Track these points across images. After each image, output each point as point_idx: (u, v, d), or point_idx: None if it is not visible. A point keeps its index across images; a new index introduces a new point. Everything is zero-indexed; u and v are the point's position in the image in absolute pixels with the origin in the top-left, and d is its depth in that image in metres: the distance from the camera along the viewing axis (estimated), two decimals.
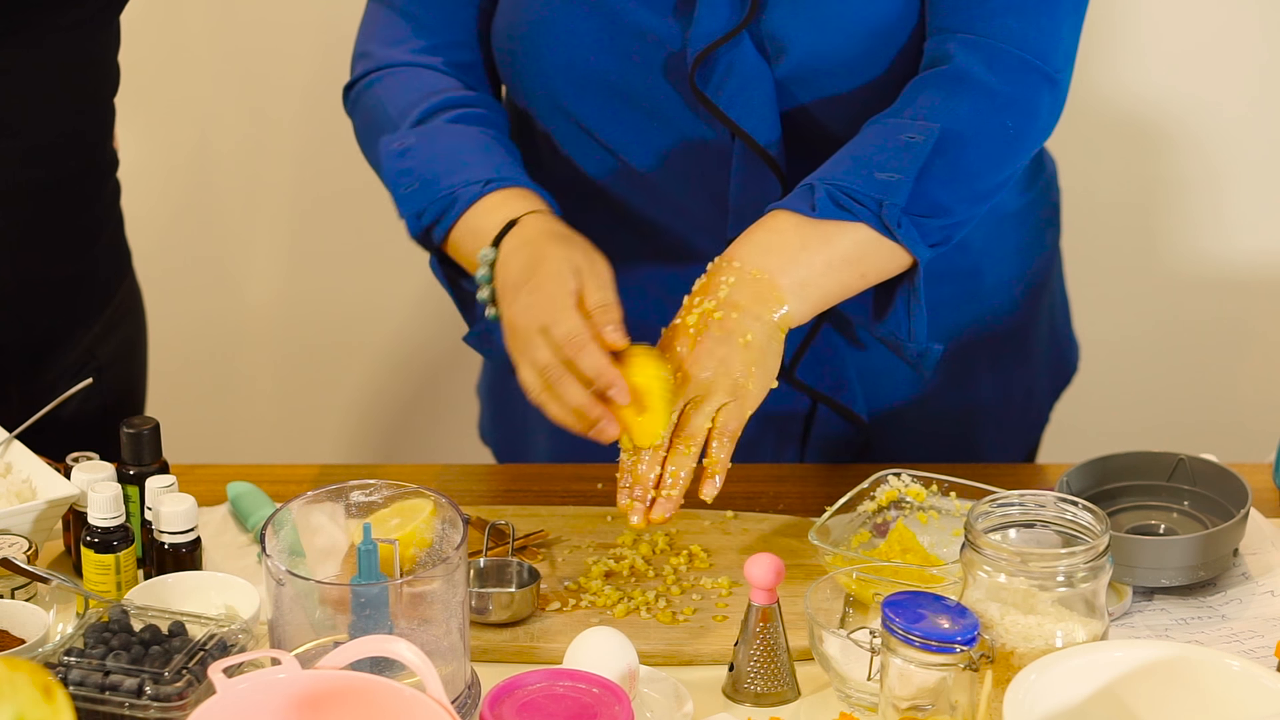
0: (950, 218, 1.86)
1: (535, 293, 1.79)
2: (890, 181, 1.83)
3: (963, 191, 1.87)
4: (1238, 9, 2.90)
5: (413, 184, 1.93)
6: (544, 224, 1.87)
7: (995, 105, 1.87)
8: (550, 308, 1.78)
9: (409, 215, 1.93)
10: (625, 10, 1.94)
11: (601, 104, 1.98)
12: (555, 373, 1.77)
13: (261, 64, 3.01)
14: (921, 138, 1.84)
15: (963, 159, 1.85)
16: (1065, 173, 2.29)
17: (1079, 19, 1.92)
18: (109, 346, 2.23)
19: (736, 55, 1.92)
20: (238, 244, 3.10)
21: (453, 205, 1.91)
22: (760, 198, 1.96)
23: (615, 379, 1.75)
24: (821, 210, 1.82)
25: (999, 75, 1.87)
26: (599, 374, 1.75)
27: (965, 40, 1.88)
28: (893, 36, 1.92)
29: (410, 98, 1.99)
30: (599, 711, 1.60)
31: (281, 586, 1.63)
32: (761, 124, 1.94)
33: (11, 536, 1.83)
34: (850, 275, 1.84)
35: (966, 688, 1.59)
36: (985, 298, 2.15)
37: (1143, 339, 3.06)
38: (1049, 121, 1.92)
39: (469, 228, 1.90)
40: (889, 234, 1.83)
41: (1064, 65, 1.90)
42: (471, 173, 1.91)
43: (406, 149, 1.95)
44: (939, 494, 1.91)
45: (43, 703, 1.44)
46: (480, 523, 1.95)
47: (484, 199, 1.90)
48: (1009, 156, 1.90)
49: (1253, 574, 1.89)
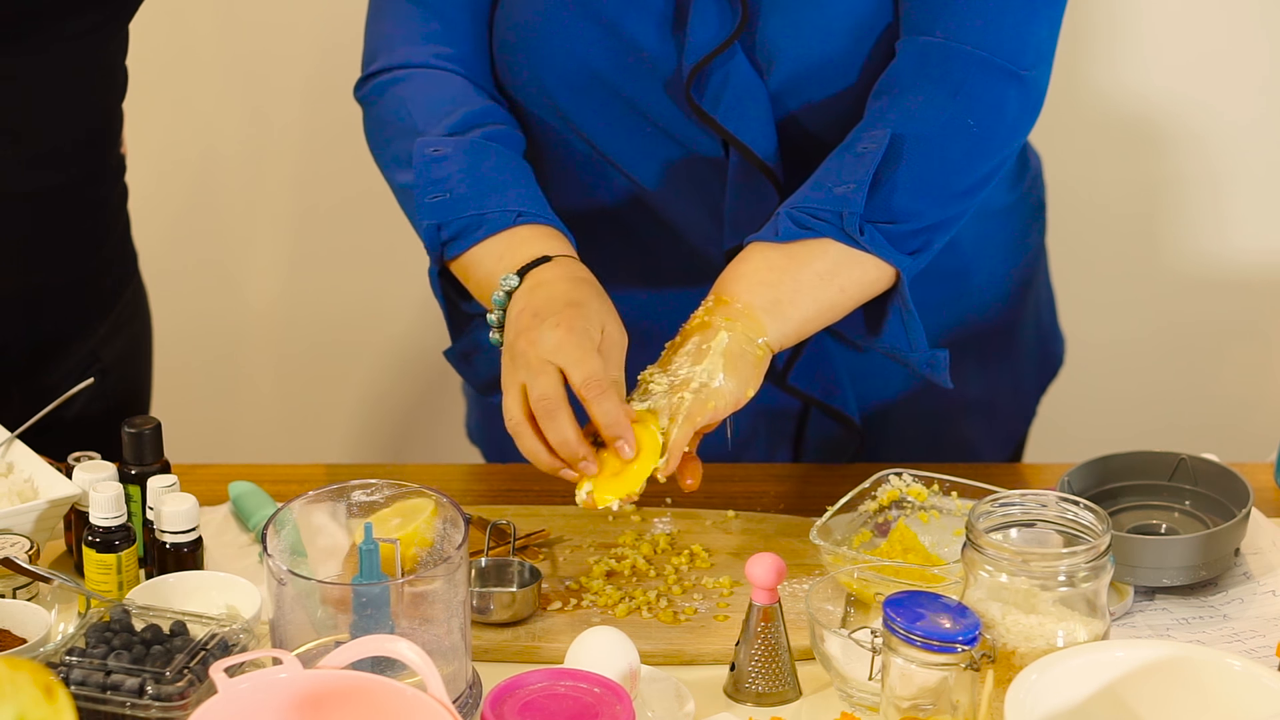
0: (920, 221, 1.86)
1: (561, 329, 1.77)
2: (846, 193, 1.83)
3: (930, 193, 1.87)
4: (1238, 9, 2.90)
5: (441, 194, 1.90)
6: (575, 270, 1.85)
7: (955, 105, 1.86)
8: (575, 347, 1.76)
9: (429, 224, 1.90)
10: (620, 23, 1.93)
11: (599, 110, 1.98)
12: (551, 405, 1.74)
13: (264, 67, 3.01)
14: (875, 145, 1.84)
15: (921, 160, 1.85)
16: (1065, 173, 2.29)
17: (1055, 14, 1.91)
18: (114, 349, 2.23)
19: (731, 68, 1.92)
20: (240, 245, 3.10)
21: (479, 227, 1.88)
22: (756, 208, 1.96)
23: (626, 431, 1.73)
24: (784, 233, 1.83)
25: (957, 75, 1.86)
26: (613, 422, 1.73)
27: (927, 43, 1.87)
28: (870, 34, 1.91)
29: (440, 104, 1.96)
30: (600, 711, 1.60)
31: (283, 586, 1.63)
32: (759, 135, 1.94)
33: (13, 536, 1.83)
34: (827, 291, 1.84)
35: (968, 687, 1.59)
36: (973, 295, 2.16)
37: (1143, 339, 3.06)
38: (1020, 120, 1.91)
39: (491, 253, 1.88)
40: (855, 244, 1.83)
41: (1035, 62, 1.89)
42: (505, 201, 1.89)
43: (442, 157, 1.92)
44: (940, 494, 1.92)
45: (44, 702, 1.44)
46: (481, 522, 1.95)
47: (513, 230, 1.88)
48: (978, 155, 1.89)
49: (1254, 574, 1.89)
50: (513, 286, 1.84)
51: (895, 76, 1.89)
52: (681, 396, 1.76)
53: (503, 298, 1.84)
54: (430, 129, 1.95)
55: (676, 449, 1.75)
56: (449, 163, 1.91)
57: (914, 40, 1.88)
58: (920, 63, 1.87)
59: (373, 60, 2.02)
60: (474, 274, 1.90)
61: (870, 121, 1.88)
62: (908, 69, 1.88)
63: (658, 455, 1.74)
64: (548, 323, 1.78)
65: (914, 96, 1.87)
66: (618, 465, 1.75)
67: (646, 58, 1.94)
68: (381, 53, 2.01)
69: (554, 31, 1.95)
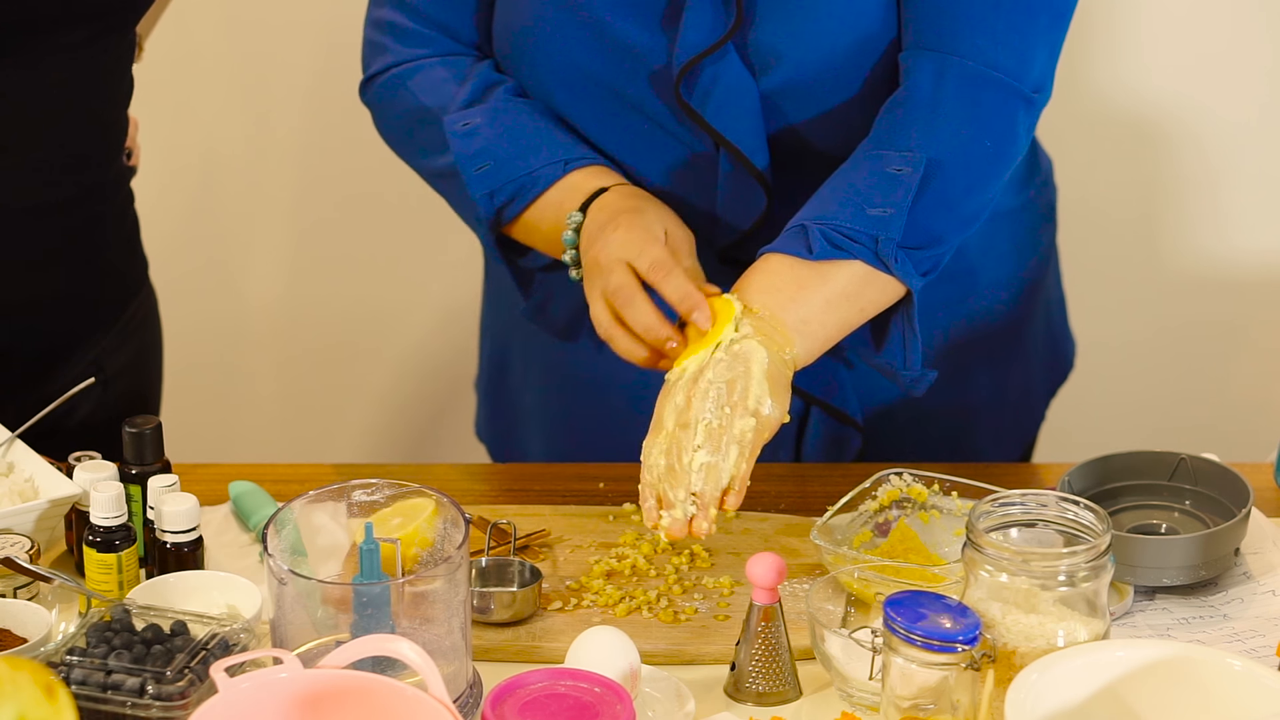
0: (941, 245, 1.88)
1: (621, 229, 1.85)
2: (884, 217, 1.84)
3: (951, 218, 1.88)
4: (1239, 9, 2.90)
5: (485, 163, 1.95)
6: (635, 191, 1.93)
7: (974, 128, 1.87)
8: (638, 239, 1.84)
9: (481, 195, 1.96)
10: (612, 24, 1.94)
11: (595, 107, 1.99)
12: (627, 293, 1.82)
13: (267, 70, 3.02)
14: (909, 169, 1.84)
15: (948, 185, 1.86)
16: (1066, 173, 2.29)
17: (1058, 37, 1.91)
18: (119, 359, 2.22)
19: (722, 68, 1.92)
20: (241, 246, 3.11)
21: (534, 184, 1.94)
22: (746, 208, 1.97)
23: (699, 302, 1.80)
24: (819, 252, 1.84)
25: (973, 95, 1.87)
26: (684, 297, 1.80)
27: (942, 60, 1.87)
28: (874, 48, 1.92)
29: (448, 82, 2.00)
30: (601, 711, 1.60)
31: (283, 586, 1.63)
32: (747, 136, 1.94)
33: (14, 536, 1.83)
34: (849, 311, 1.85)
35: (968, 687, 1.59)
36: (981, 296, 2.15)
37: (1143, 339, 3.06)
38: (1024, 140, 1.93)
39: (551, 202, 1.94)
40: (884, 268, 1.84)
41: (1041, 85, 1.90)
42: (550, 153, 1.95)
43: (474, 129, 1.96)
44: (940, 493, 1.92)
45: (45, 702, 1.45)
46: (482, 522, 1.95)
47: (566, 177, 1.95)
48: (990, 177, 1.90)
49: (1254, 573, 1.89)
50: (578, 222, 1.91)
51: (912, 92, 1.88)
52: (743, 431, 1.77)
53: (572, 235, 1.91)
54: (449, 106, 1.98)
55: (742, 482, 1.77)
56: (483, 131, 1.96)
57: (926, 55, 1.88)
58: (937, 80, 1.87)
59: (372, 63, 2.04)
60: (540, 228, 1.96)
61: (887, 137, 1.88)
62: (925, 85, 1.87)
63: (731, 318, 1.80)
64: (608, 229, 1.86)
65: (935, 117, 1.86)
66: (698, 338, 1.81)
67: (638, 55, 1.94)
68: (379, 54, 2.03)
69: (548, 35, 1.96)
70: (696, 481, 1.74)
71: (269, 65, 3.01)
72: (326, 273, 3.11)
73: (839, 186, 1.88)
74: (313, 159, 3.05)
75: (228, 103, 3.03)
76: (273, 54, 3.01)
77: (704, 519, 1.75)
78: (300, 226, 3.10)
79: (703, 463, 1.75)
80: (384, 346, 3.16)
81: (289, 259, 3.11)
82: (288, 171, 3.07)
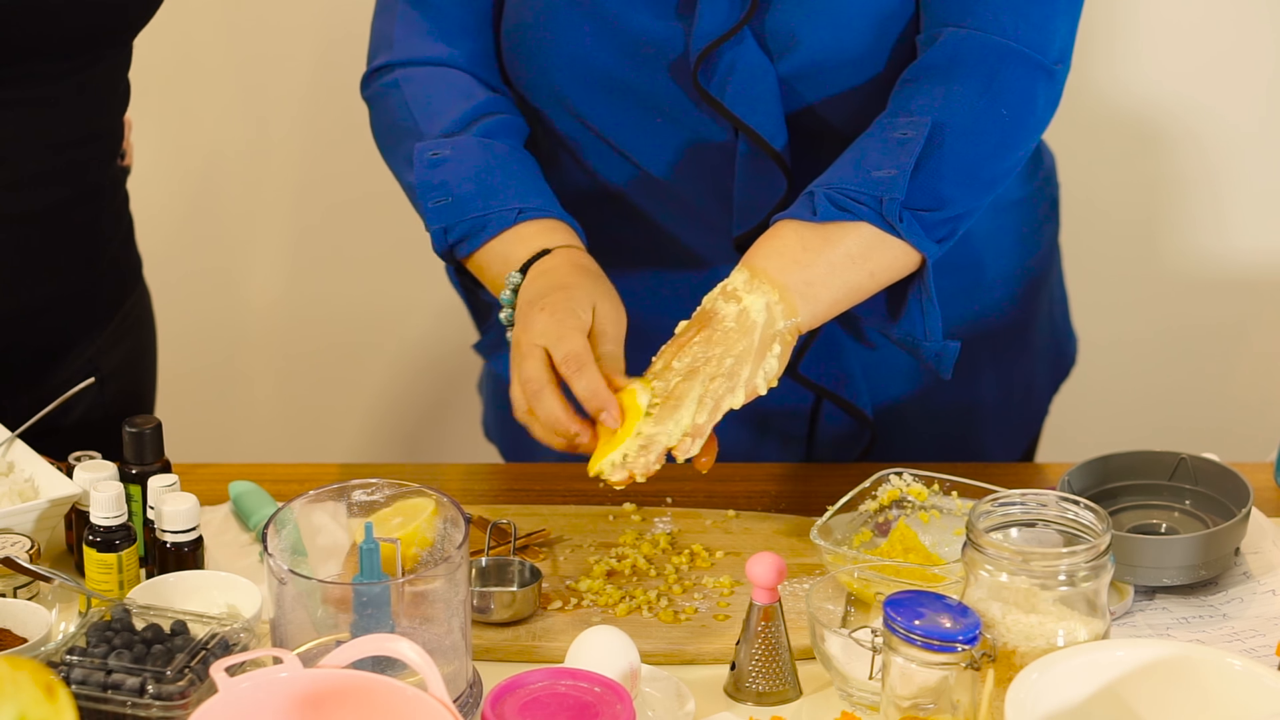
0: (952, 209, 1.86)
1: (545, 311, 1.81)
2: (887, 178, 1.83)
3: (963, 182, 1.87)
4: (1241, 10, 2.90)
5: (444, 199, 1.93)
6: (575, 258, 1.88)
7: (989, 95, 1.87)
8: (556, 326, 1.79)
9: (436, 229, 1.93)
10: (625, 15, 1.94)
11: (605, 102, 1.99)
12: (535, 386, 1.78)
13: (266, 71, 3.01)
14: (914, 133, 1.84)
15: (960, 149, 1.85)
16: (1066, 172, 2.29)
17: (1075, 10, 1.92)
18: (114, 357, 2.22)
19: (739, 52, 1.92)
20: (241, 247, 3.11)
21: (484, 229, 1.91)
22: (765, 194, 1.96)
23: (607, 401, 1.76)
24: (822, 214, 1.82)
25: (991, 65, 1.87)
26: (593, 395, 1.76)
27: (956, 33, 1.88)
28: (894, 28, 1.92)
29: (439, 104, 1.98)
30: (601, 711, 1.60)
31: (283, 585, 1.63)
32: (766, 120, 1.94)
33: (14, 535, 1.83)
34: (858, 274, 1.84)
35: (968, 687, 1.59)
36: (986, 291, 2.16)
37: (1143, 339, 3.06)
38: (1046, 112, 1.92)
39: (498, 253, 1.91)
40: (892, 230, 1.83)
41: (1060, 57, 1.90)
42: (506, 199, 1.92)
43: (441, 160, 1.94)
44: (940, 493, 1.92)
45: (45, 702, 1.45)
46: (482, 522, 1.95)
47: (516, 227, 1.91)
48: (1008, 145, 1.90)
49: (1254, 573, 1.89)
50: (516, 283, 1.88)
51: (927, 65, 1.88)
52: (716, 380, 1.76)
53: (510, 295, 1.88)
54: (432, 129, 1.97)
55: (698, 432, 1.75)
56: (449, 165, 1.94)
57: (944, 30, 1.88)
58: (954, 53, 1.87)
59: (376, 56, 2.04)
60: (486, 274, 1.93)
61: (900, 106, 1.88)
62: (941, 58, 1.87)
63: (639, 419, 1.75)
64: (534, 307, 1.82)
65: (948, 85, 1.86)
66: (609, 435, 1.77)
67: (652, 46, 1.94)
68: (384, 49, 2.03)
69: (557, 31, 1.96)
70: (649, 424, 1.74)
71: (269, 66, 3.01)
72: (326, 273, 3.11)
73: (849, 155, 1.88)
74: (312, 159, 3.05)
75: (228, 104, 3.03)
76: (272, 55, 3.01)
77: (646, 458, 1.73)
78: (300, 227, 3.10)
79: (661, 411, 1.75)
80: (384, 346, 3.16)
81: (289, 259, 3.11)
82: (287, 172, 3.07)
